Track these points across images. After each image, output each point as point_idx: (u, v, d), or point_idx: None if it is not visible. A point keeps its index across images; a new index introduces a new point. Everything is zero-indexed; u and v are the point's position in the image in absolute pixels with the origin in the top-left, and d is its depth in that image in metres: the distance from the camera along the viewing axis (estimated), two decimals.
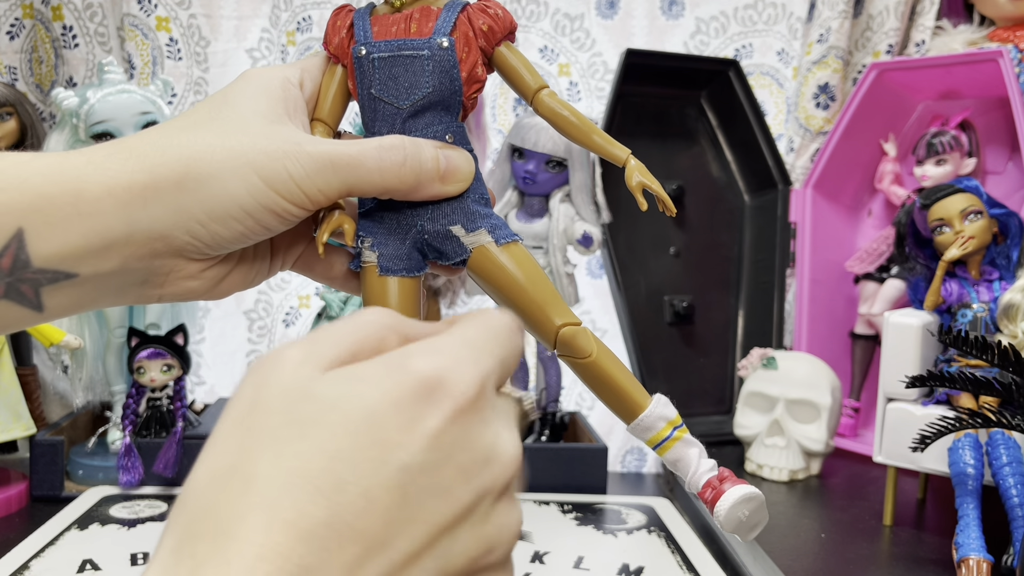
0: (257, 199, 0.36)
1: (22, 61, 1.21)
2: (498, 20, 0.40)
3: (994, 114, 1.09)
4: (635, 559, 0.84)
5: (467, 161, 0.39)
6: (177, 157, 0.35)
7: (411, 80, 0.38)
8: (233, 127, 0.37)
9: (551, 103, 0.41)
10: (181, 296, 0.39)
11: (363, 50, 0.39)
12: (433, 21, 0.39)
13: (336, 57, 0.40)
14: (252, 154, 0.36)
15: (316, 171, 0.36)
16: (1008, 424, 0.70)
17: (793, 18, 1.34)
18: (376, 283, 0.40)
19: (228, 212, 0.36)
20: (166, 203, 0.35)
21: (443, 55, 0.38)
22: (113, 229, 0.34)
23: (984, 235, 0.86)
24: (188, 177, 0.35)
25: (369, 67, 0.39)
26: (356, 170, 0.36)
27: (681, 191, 1.23)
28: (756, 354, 1.07)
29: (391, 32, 0.39)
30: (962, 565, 0.74)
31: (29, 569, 0.78)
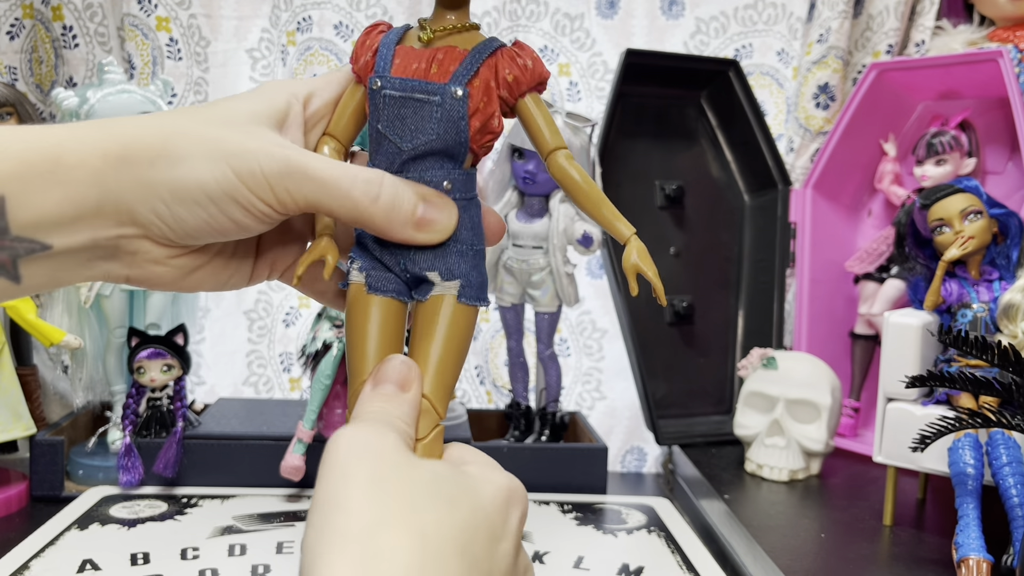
0: (223, 187, 0.35)
1: (22, 61, 1.21)
2: (526, 72, 0.39)
3: (994, 114, 1.09)
4: (635, 559, 0.84)
5: (448, 216, 0.38)
6: (154, 134, 0.36)
7: (417, 124, 0.37)
8: (219, 119, 0.37)
9: (566, 166, 0.40)
10: (148, 281, 0.38)
11: (378, 83, 0.38)
12: (455, 65, 0.38)
13: (359, 77, 0.39)
14: (228, 144, 0.36)
15: (288, 174, 0.36)
16: (1008, 424, 0.70)
17: (793, 18, 1.34)
18: (361, 301, 0.38)
19: (192, 196, 0.35)
20: (135, 176, 0.35)
21: (453, 104, 0.37)
22: (85, 198, 0.34)
23: (984, 235, 0.86)
24: (160, 154, 0.35)
25: (380, 101, 0.38)
26: (327, 189, 0.36)
27: (681, 191, 1.23)
28: (756, 354, 1.07)
29: (410, 69, 0.38)
30: (962, 565, 0.74)
31: (29, 569, 0.78)
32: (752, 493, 0.99)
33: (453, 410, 1.10)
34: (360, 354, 0.38)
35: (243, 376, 1.32)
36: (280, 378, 1.33)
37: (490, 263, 1.03)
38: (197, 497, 0.96)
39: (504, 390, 1.18)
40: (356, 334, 0.38)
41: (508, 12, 1.32)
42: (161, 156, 0.35)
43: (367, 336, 0.38)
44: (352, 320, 0.39)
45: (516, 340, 1.07)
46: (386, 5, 1.30)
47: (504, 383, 1.16)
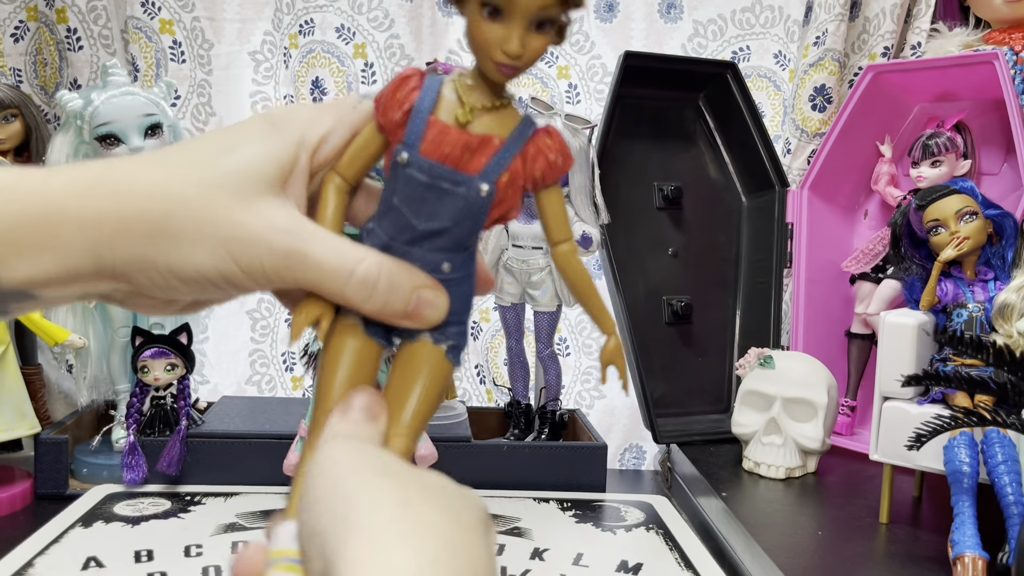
0: (222, 273, 0.36)
1: (27, 63, 1.22)
2: (554, 169, 0.38)
3: (989, 116, 1.10)
4: (633, 556, 0.85)
5: (438, 308, 0.38)
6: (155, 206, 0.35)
7: (436, 209, 0.36)
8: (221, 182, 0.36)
9: (570, 259, 0.40)
10: (141, 311, 0.40)
11: (405, 157, 0.36)
12: (488, 158, 0.36)
13: (383, 128, 0.37)
14: (230, 228, 0.35)
15: (287, 267, 0.36)
16: (1003, 423, 0.71)
17: (790, 21, 1.35)
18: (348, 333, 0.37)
19: (190, 276, 0.36)
20: (134, 250, 0.35)
21: (477, 200, 0.36)
22: (80, 264, 0.34)
23: (979, 236, 0.86)
24: (159, 230, 0.35)
25: (403, 178, 0.36)
26: (323, 282, 0.36)
27: (679, 192, 1.24)
28: (753, 353, 1.08)
29: (442, 152, 0.36)
30: (958, 562, 0.75)
31: (33, 566, 0.78)
32: (749, 491, 0.99)
33: (453, 408, 1.11)
34: (330, 383, 0.37)
35: (246, 375, 1.32)
36: (283, 377, 1.34)
37: (490, 263, 1.03)
38: (200, 495, 0.96)
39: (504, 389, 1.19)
40: (333, 362, 0.37)
41: None
42: (160, 232, 0.35)
43: (345, 366, 0.37)
44: (332, 349, 0.37)
45: (516, 339, 1.07)
46: (387, 9, 1.30)
47: (504, 382, 1.17)
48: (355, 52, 1.31)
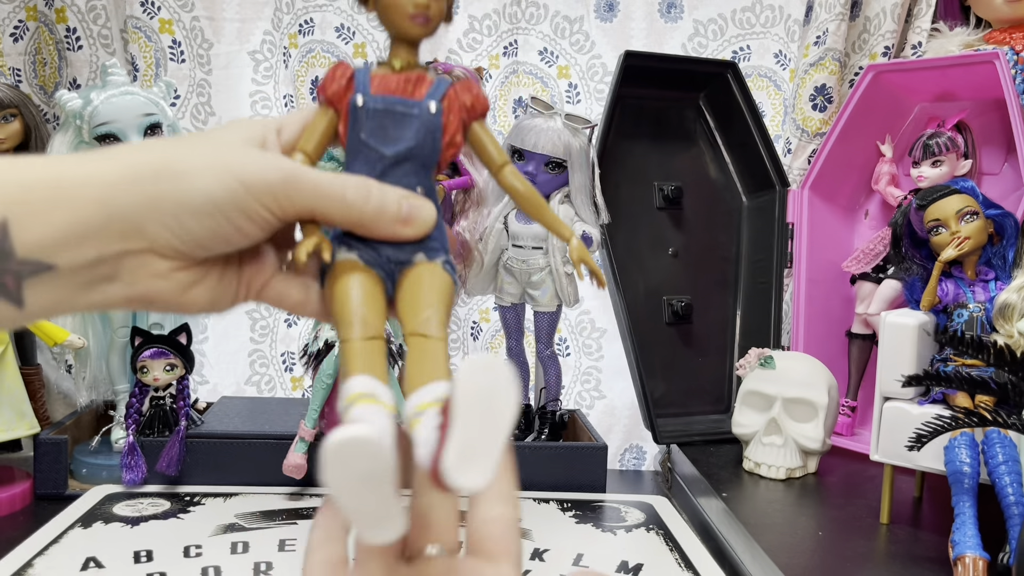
0: (231, 196, 0.37)
1: (26, 63, 1.22)
2: (479, 100, 0.44)
3: (990, 116, 1.10)
4: (634, 556, 0.84)
5: (430, 212, 0.42)
6: (156, 154, 0.37)
7: (398, 133, 0.42)
8: (212, 141, 0.40)
9: (512, 180, 0.46)
10: (148, 298, 0.39)
11: (360, 99, 0.42)
12: (426, 88, 0.43)
13: (331, 102, 0.43)
14: (230, 158, 0.38)
15: (289, 182, 0.38)
16: (1004, 423, 0.71)
17: (790, 20, 1.35)
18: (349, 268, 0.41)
19: (200, 206, 0.37)
20: (141, 192, 0.36)
21: (430, 118, 0.43)
22: (92, 216, 0.35)
23: (980, 236, 0.86)
24: (165, 170, 0.36)
25: (363, 115, 0.42)
26: (325, 194, 0.39)
27: (679, 192, 1.23)
28: (754, 354, 1.08)
29: (389, 88, 0.43)
30: (958, 563, 0.74)
31: (33, 567, 0.78)
32: (750, 491, 0.99)
33: None
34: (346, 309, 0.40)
35: (245, 375, 1.32)
36: (282, 377, 1.34)
37: (490, 263, 1.03)
38: (200, 495, 0.96)
39: None
40: (343, 293, 0.40)
41: (508, 15, 1.32)
42: (165, 171, 0.36)
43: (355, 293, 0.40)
44: (339, 282, 0.41)
45: (516, 340, 1.07)
46: None
47: None
48: (355, 52, 1.31)
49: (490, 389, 0.31)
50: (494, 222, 1.02)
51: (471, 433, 0.30)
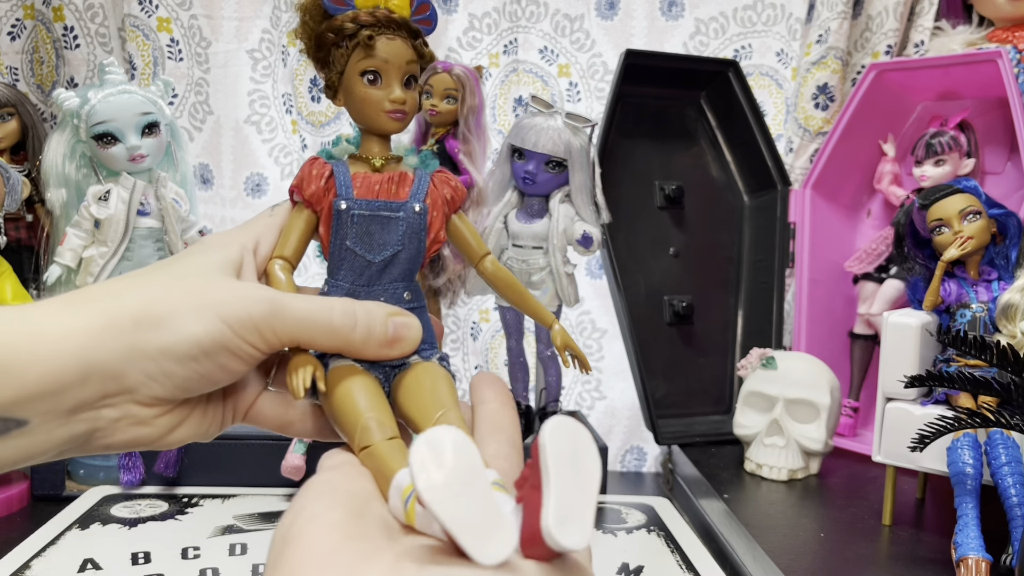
0: (215, 338, 0.36)
1: (23, 62, 1.22)
2: (458, 192, 0.45)
3: (993, 114, 1.09)
4: (635, 558, 0.84)
5: (416, 330, 0.41)
6: (133, 300, 0.36)
7: (384, 238, 0.42)
8: (188, 274, 0.39)
9: (495, 269, 0.47)
10: (129, 444, 0.38)
11: (343, 204, 0.42)
12: (408, 187, 0.43)
13: (310, 204, 0.42)
14: (211, 295, 0.37)
15: (275, 315, 0.37)
16: (1007, 424, 0.70)
17: (792, 19, 1.34)
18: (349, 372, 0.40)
19: (184, 351, 0.36)
20: (121, 341, 0.35)
21: (416, 219, 0.43)
22: (68, 371, 0.34)
23: (983, 235, 0.86)
24: (145, 316, 0.36)
25: (348, 220, 0.42)
26: (312, 324, 0.39)
27: (680, 191, 1.23)
28: (755, 354, 1.07)
29: (373, 191, 0.42)
30: (961, 564, 0.74)
31: (30, 568, 0.78)
32: (751, 493, 0.99)
33: None
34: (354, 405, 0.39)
35: None
36: None
37: None
38: (198, 497, 0.96)
39: None
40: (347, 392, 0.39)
41: (508, 13, 1.32)
42: (144, 316, 0.36)
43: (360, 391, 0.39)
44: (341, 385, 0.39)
45: (516, 340, 1.07)
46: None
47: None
48: None
49: (574, 450, 0.30)
50: (494, 222, 1.01)
51: (566, 494, 0.29)
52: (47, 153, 0.97)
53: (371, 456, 0.37)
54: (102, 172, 0.97)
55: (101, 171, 0.97)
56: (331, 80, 0.43)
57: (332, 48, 0.43)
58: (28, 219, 1.08)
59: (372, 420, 0.38)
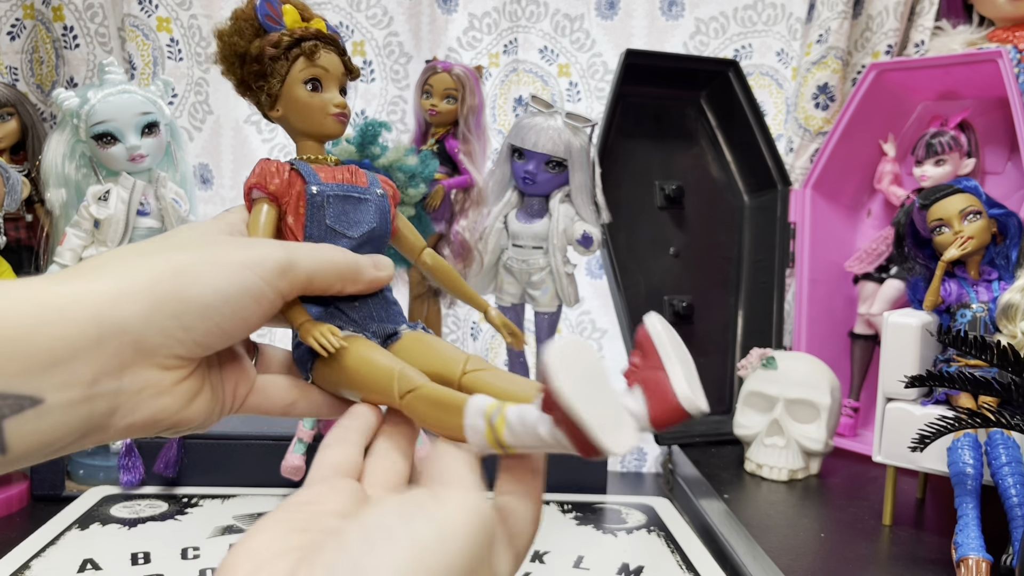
0: (238, 284, 0.36)
1: (23, 61, 1.22)
2: (396, 192, 0.49)
3: (993, 114, 1.09)
4: (635, 558, 0.84)
5: (389, 261, 0.45)
6: (147, 263, 0.35)
7: (359, 216, 0.45)
8: (195, 238, 0.39)
9: (433, 261, 0.50)
10: (152, 420, 0.36)
11: (315, 188, 0.45)
12: (365, 175, 0.47)
13: (275, 197, 0.44)
14: (227, 247, 0.38)
15: (290, 258, 0.39)
16: (1007, 424, 0.70)
17: (792, 19, 1.34)
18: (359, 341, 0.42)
19: (208, 301, 0.35)
20: (139, 302, 0.34)
21: (381, 201, 0.47)
22: (82, 334, 0.32)
23: (983, 235, 0.86)
24: (162, 273, 0.35)
25: (324, 203, 0.45)
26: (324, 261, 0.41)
27: (681, 191, 1.23)
28: (755, 354, 1.07)
29: (336, 179, 0.46)
30: (961, 565, 0.74)
31: (30, 568, 0.78)
32: (752, 493, 0.99)
33: None
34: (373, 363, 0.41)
35: None
36: None
37: (490, 263, 1.03)
38: (198, 497, 0.96)
39: None
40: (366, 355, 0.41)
41: (508, 13, 1.32)
42: (163, 273, 0.35)
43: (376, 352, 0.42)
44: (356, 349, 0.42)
45: None
46: (386, 6, 1.30)
47: None
48: (354, 50, 1.31)
49: (671, 334, 0.35)
50: (494, 221, 1.01)
51: (684, 365, 0.34)
52: (47, 153, 0.97)
53: (422, 396, 0.38)
54: (102, 172, 0.97)
55: (101, 171, 0.97)
56: (272, 90, 0.46)
57: (271, 61, 0.45)
58: (28, 219, 1.08)
59: (406, 368, 0.40)
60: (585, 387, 0.32)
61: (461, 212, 1.02)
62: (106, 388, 0.33)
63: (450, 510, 0.29)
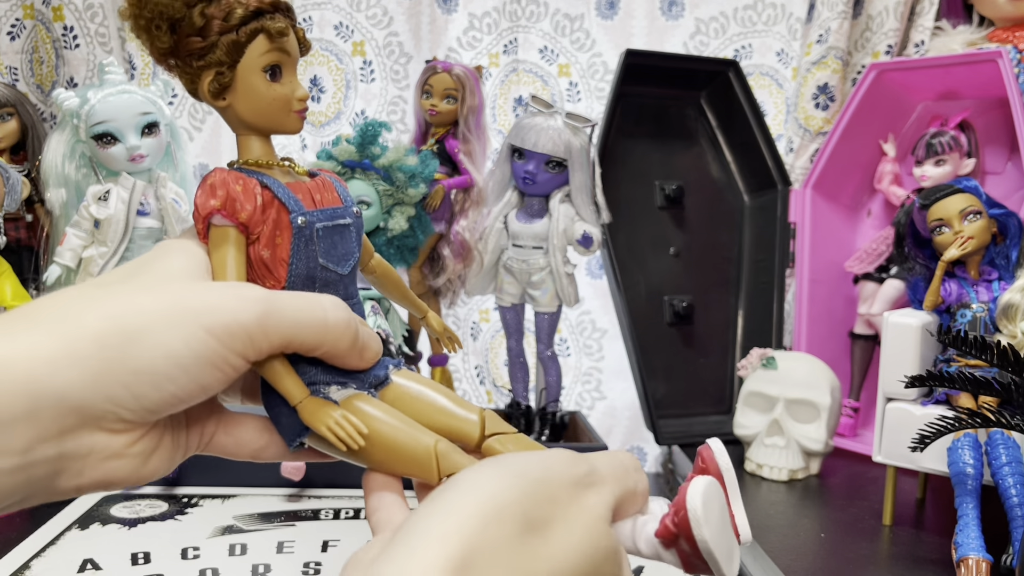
0: (197, 352, 0.32)
1: (23, 61, 1.22)
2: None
3: (993, 114, 1.09)
4: (634, 558, 0.84)
5: (377, 339, 0.39)
6: (96, 318, 0.31)
7: (346, 248, 0.39)
8: (159, 280, 0.34)
9: (381, 268, 0.45)
10: (104, 484, 0.33)
11: (301, 219, 0.37)
12: (333, 190, 0.39)
13: (244, 227, 0.36)
14: (191, 300, 0.32)
15: (268, 316, 0.33)
16: (1007, 424, 0.70)
17: (792, 19, 1.34)
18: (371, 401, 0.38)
19: (160, 369, 0.31)
20: (82, 368, 0.30)
21: (358, 223, 0.40)
22: (12, 404, 0.29)
23: (983, 235, 0.86)
24: (111, 334, 0.31)
25: (313, 235, 0.37)
26: (307, 324, 0.35)
27: (681, 191, 1.23)
28: (756, 354, 1.07)
29: (315, 200, 0.38)
30: (961, 564, 0.74)
31: (30, 568, 0.78)
32: (752, 493, 0.99)
33: None
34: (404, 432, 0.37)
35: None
36: None
37: (490, 263, 1.03)
38: (198, 497, 0.96)
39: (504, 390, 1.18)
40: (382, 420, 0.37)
41: (508, 13, 1.32)
42: (110, 334, 0.31)
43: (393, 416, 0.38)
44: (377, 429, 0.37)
45: (516, 340, 1.07)
46: (386, 6, 1.30)
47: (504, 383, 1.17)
48: (353, 50, 1.31)
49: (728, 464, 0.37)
50: (494, 221, 1.01)
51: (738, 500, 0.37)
52: (47, 153, 0.97)
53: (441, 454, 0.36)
54: (102, 172, 0.97)
55: (101, 171, 0.97)
56: (223, 79, 0.36)
57: (219, 36, 0.35)
58: (28, 219, 1.08)
59: (441, 443, 0.36)
60: (719, 532, 0.34)
61: (461, 212, 1.02)
62: (43, 455, 0.30)
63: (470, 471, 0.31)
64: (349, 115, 1.33)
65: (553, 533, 0.29)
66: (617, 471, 0.34)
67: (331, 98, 1.32)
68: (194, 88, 0.37)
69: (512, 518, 0.28)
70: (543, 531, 0.29)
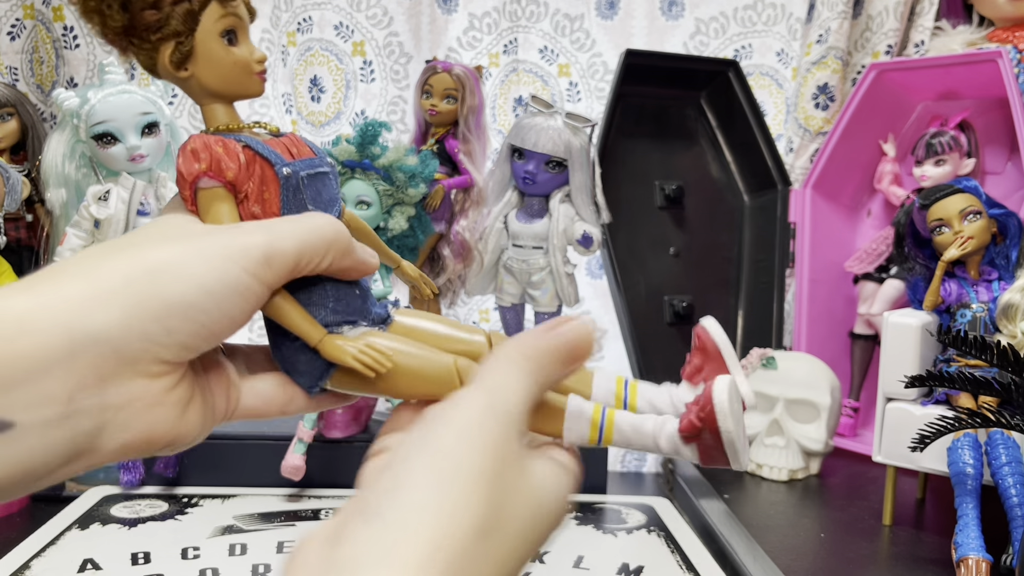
0: (223, 279, 0.33)
1: (23, 61, 1.22)
2: None
3: (993, 114, 1.09)
4: (635, 558, 0.84)
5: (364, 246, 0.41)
6: (119, 263, 0.32)
7: (329, 194, 0.40)
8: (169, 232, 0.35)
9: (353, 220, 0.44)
10: (147, 436, 0.33)
11: (287, 170, 0.38)
12: (304, 145, 0.41)
13: (232, 186, 0.37)
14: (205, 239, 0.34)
15: (274, 241, 0.35)
16: (1007, 424, 0.70)
17: (792, 19, 1.34)
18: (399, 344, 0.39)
19: (190, 300, 0.32)
20: (114, 306, 0.30)
21: (334, 170, 0.41)
22: (50, 347, 0.29)
23: (983, 235, 0.86)
24: (138, 271, 0.32)
25: (300, 184, 0.38)
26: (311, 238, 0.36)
27: (681, 191, 1.23)
28: (756, 354, 1.07)
29: (293, 152, 0.39)
30: (961, 564, 0.74)
31: (30, 569, 0.78)
32: (752, 493, 0.99)
33: None
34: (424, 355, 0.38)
35: None
36: None
37: (490, 263, 1.03)
38: (198, 497, 0.96)
39: None
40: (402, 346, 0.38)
41: (508, 12, 1.32)
42: (139, 273, 0.32)
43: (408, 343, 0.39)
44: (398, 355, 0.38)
45: None
46: (386, 6, 1.30)
47: None
48: (354, 50, 1.31)
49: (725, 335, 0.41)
50: (494, 221, 1.01)
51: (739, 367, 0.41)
52: (47, 153, 0.97)
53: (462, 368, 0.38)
54: (102, 172, 0.97)
55: (101, 171, 0.97)
56: (183, 47, 0.37)
57: (172, 6, 0.36)
58: (28, 219, 1.08)
59: (461, 359, 0.38)
60: (739, 424, 0.37)
61: (461, 212, 1.02)
62: (86, 404, 0.30)
63: (464, 410, 0.31)
64: (349, 115, 1.33)
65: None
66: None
67: (331, 98, 1.32)
68: (153, 64, 0.38)
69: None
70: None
